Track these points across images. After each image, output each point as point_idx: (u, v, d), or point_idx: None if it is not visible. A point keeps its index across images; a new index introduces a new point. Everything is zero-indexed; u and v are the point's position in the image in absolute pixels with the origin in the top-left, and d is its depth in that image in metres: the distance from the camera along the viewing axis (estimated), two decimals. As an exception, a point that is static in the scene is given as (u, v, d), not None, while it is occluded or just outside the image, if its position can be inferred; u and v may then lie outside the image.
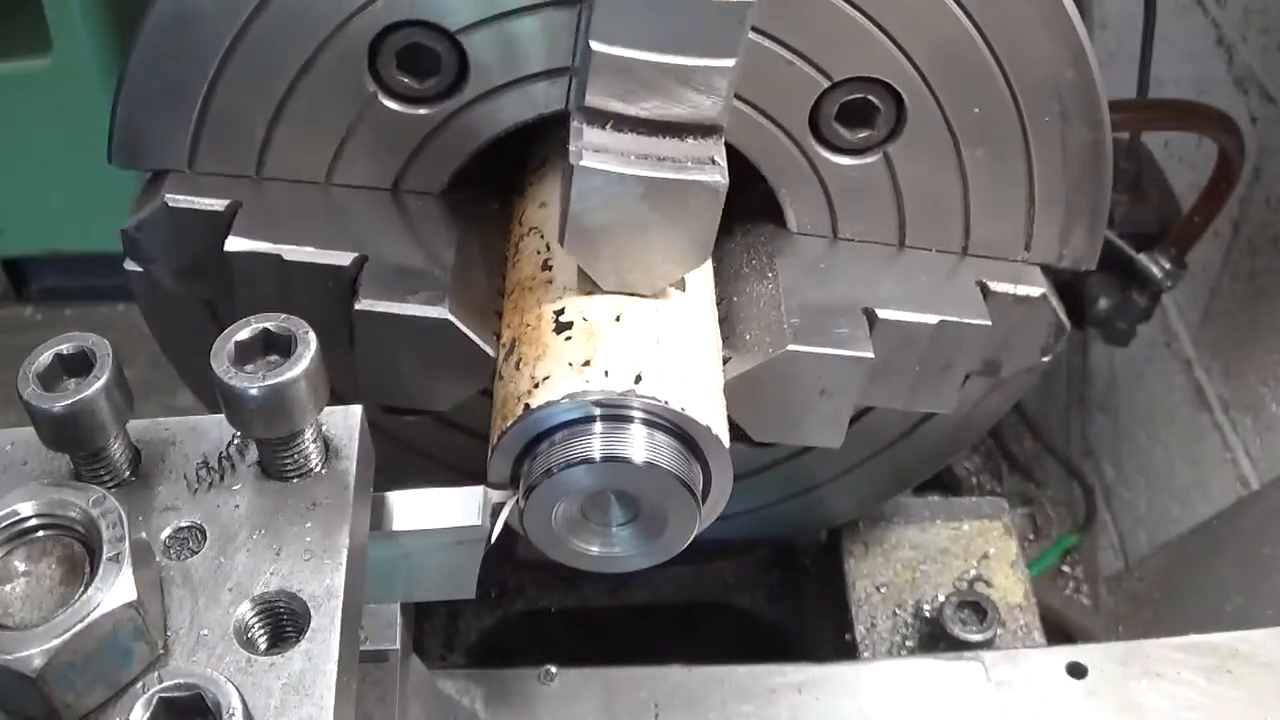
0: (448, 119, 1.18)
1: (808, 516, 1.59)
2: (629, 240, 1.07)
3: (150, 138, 1.19)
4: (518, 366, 1.08)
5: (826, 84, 1.17)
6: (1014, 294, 1.26)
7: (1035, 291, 1.26)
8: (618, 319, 1.08)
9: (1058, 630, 2.20)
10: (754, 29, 1.12)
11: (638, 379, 1.03)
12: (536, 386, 1.04)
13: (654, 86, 1.01)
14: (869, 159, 1.22)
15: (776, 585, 1.91)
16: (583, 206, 1.04)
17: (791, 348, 1.17)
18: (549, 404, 1.02)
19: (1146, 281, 1.99)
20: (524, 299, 1.14)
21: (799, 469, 1.43)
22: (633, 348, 1.06)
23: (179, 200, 1.18)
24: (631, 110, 1.02)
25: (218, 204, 1.17)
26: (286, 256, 1.14)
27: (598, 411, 1.02)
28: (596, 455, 1.02)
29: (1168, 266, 1.97)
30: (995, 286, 1.26)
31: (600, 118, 1.02)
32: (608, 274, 1.09)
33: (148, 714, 0.69)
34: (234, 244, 1.14)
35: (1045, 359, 1.33)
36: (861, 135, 1.21)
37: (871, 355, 1.19)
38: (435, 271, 1.18)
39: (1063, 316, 1.29)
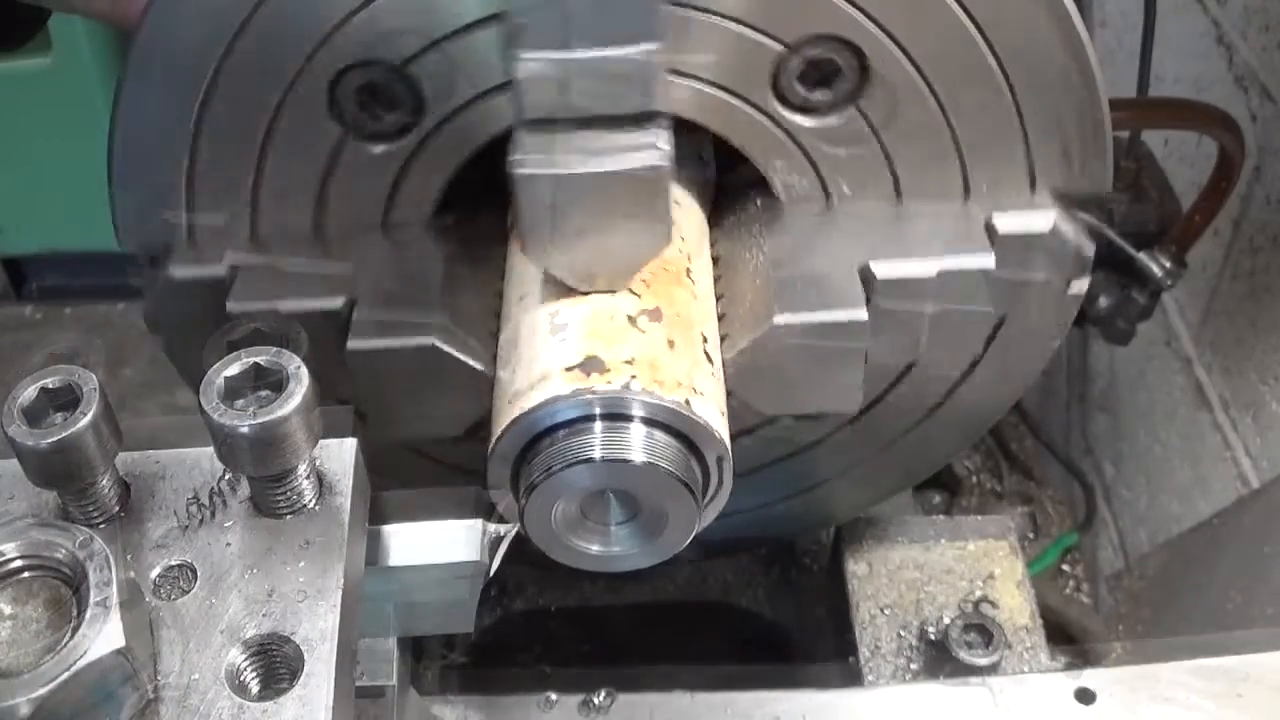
0: (417, 149, 1.18)
1: (809, 515, 1.59)
2: (588, 239, 1.06)
3: (149, 226, 1.22)
4: (514, 371, 1.07)
5: (782, 48, 1.14)
6: (1023, 232, 1.21)
7: (1045, 224, 1.21)
8: (611, 319, 1.08)
9: (1058, 629, 2.20)
10: (696, 6, 1.11)
11: (632, 376, 1.02)
12: (531, 388, 1.03)
13: (581, 84, 0.99)
14: (843, 116, 1.19)
15: (776, 584, 1.91)
16: (533, 214, 1.04)
17: (777, 320, 1.15)
18: (543, 404, 1.01)
19: (1146, 280, 1.98)
20: (517, 307, 1.14)
21: (800, 467, 1.42)
22: (627, 345, 1.05)
23: (183, 272, 1.21)
24: (565, 110, 1.01)
25: (218, 270, 1.20)
26: (282, 309, 1.16)
27: (595, 411, 1.01)
28: (593, 455, 1.00)
29: (1168, 265, 1.96)
30: (1003, 228, 1.21)
31: (538, 123, 1.01)
32: (577, 275, 1.09)
33: (135, 766, 0.68)
34: (234, 305, 1.17)
35: (1073, 291, 1.27)
36: (830, 93, 1.18)
37: (864, 316, 1.16)
38: (424, 299, 1.18)
39: (1084, 245, 1.23)
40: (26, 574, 0.77)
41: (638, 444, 1.01)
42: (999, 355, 1.31)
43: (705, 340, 1.13)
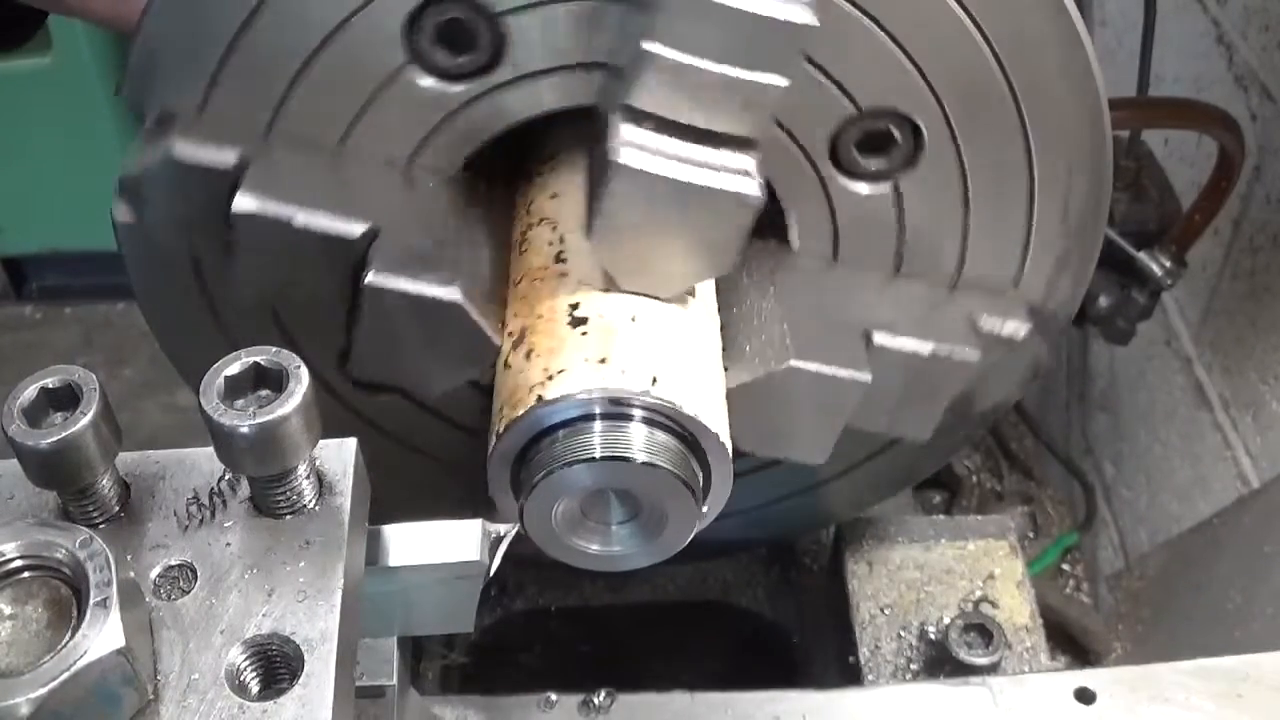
0: (474, 100, 1.16)
1: (809, 515, 1.59)
2: (656, 241, 1.07)
3: (164, 80, 1.15)
4: (528, 357, 1.07)
5: (853, 112, 1.16)
6: (1000, 333, 1.26)
7: (1021, 331, 1.27)
8: (633, 319, 1.08)
9: (1058, 629, 2.21)
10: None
11: (654, 380, 1.03)
12: (550, 379, 1.03)
13: (702, 95, 1.01)
14: (879, 188, 1.22)
15: (776, 584, 1.91)
16: (616, 203, 1.04)
17: (794, 363, 1.17)
18: (565, 397, 1.02)
19: (1146, 280, 1.98)
20: (534, 290, 1.14)
21: (799, 467, 1.42)
22: (648, 348, 1.06)
23: (186, 149, 1.13)
24: (673, 114, 1.02)
25: (227, 157, 1.13)
26: (297, 222, 1.11)
27: (612, 409, 1.02)
28: (594, 454, 1.01)
29: (1168, 265, 1.97)
30: (983, 324, 1.26)
31: (639, 117, 1.02)
32: (629, 273, 1.09)
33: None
34: (242, 204, 1.11)
35: (1016, 397, 1.35)
36: (877, 163, 1.21)
37: (869, 378, 1.19)
38: (447, 253, 1.17)
39: (1044, 356, 1.30)
40: (26, 574, 0.77)
41: (643, 444, 1.02)
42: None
43: (713, 351, 1.15)
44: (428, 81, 1.14)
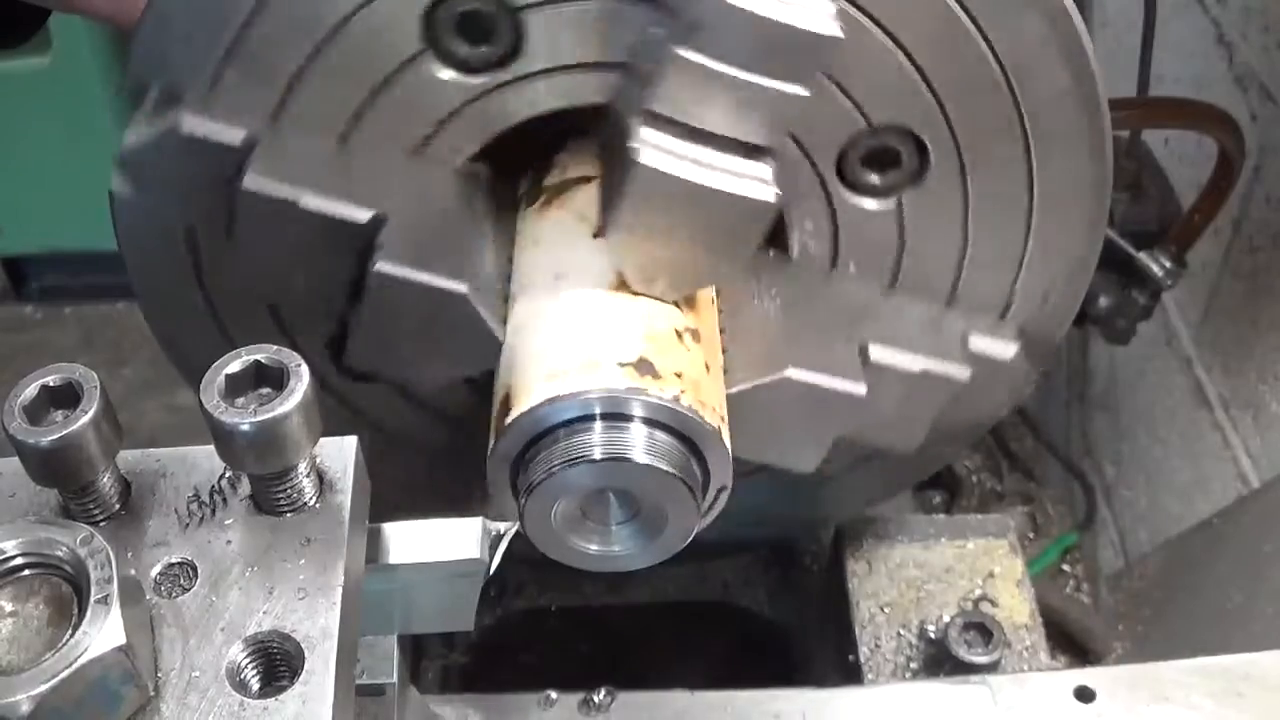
0: (487, 92, 1.15)
1: (808, 515, 1.59)
2: (669, 243, 1.08)
3: (174, 55, 1.13)
4: (531, 354, 1.07)
5: (864, 127, 1.16)
6: (989, 353, 1.28)
7: (1009, 352, 1.29)
8: (637, 320, 1.09)
9: (1058, 629, 2.20)
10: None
11: (656, 381, 1.03)
12: (555, 378, 1.03)
13: (724, 100, 1.02)
14: (883, 203, 1.22)
15: (776, 584, 1.91)
16: (633, 204, 1.05)
17: (789, 373, 1.18)
18: (566, 396, 1.02)
19: (1146, 280, 1.98)
20: (539, 287, 1.14)
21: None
22: (650, 349, 1.06)
23: (194, 124, 1.13)
24: (693, 119, 1.03)
25: (235, 135, 1.13)
26: (303, 204, 1.12)
27: (613, 410, 1.02)
28: (593, 454, 1.01)
29: (1168, 265, 1.97)
30: (973, 342, 1.28)
31: (660, 119, 1.03)
32: (639, 274, 1.10)
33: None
34: (250, 183, 1.11)
35: (1001, 414, 1.37)
36: (881, 179, 1.21)
37: (864, 391, 1.20)
38: (453, 245, 1.16)
39: (1030, 377, 1.32)
40: (28, 571, 0.77)
41: (642, 444, 1.02)
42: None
43: (715, 352, 1.15)
44: (442, 71, 1.14)
